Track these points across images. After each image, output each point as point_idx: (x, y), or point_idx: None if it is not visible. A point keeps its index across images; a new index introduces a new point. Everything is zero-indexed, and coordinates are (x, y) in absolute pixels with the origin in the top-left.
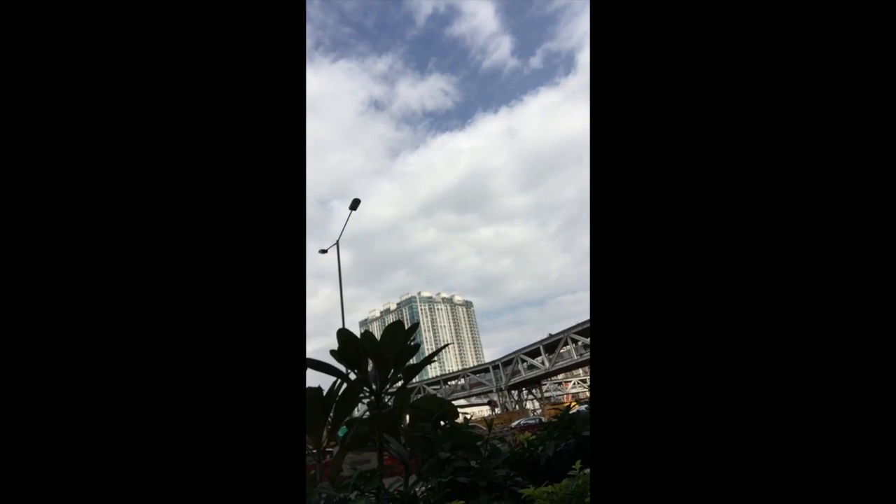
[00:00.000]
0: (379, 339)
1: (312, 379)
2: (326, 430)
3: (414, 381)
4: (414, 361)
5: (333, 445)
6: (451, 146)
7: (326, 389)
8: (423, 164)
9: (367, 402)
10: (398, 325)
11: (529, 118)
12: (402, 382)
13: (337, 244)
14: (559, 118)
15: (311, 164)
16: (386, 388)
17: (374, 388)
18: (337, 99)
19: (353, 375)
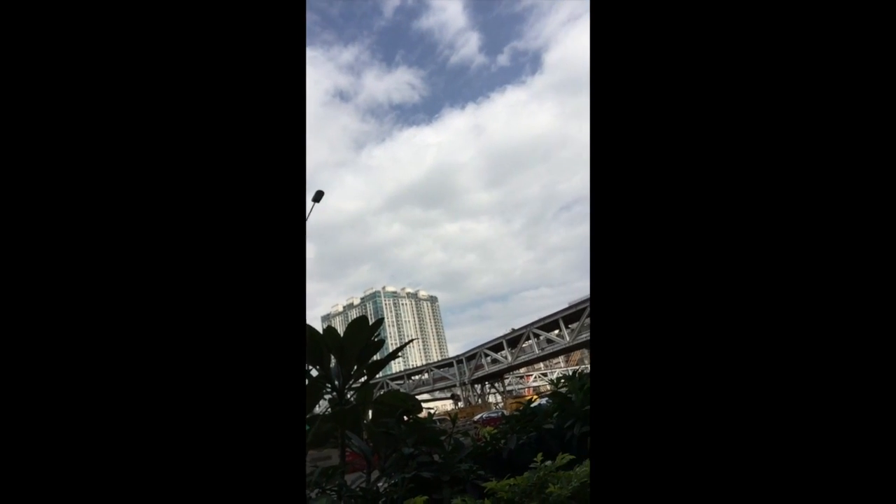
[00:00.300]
0: (342, 334)
1: None
2: None
3: (377, 376)
4: (378, 357)
5: None
6: (417, 140)
7: None
8: (389, 157)
9: (328, 398)
10: (362, 320)
11: (496, 115)
12: (365, 378)
13: None
14: (525, 116)
15: None
16: (349, 384)
17: (336, 384)
18: None
19: (314, 372)
